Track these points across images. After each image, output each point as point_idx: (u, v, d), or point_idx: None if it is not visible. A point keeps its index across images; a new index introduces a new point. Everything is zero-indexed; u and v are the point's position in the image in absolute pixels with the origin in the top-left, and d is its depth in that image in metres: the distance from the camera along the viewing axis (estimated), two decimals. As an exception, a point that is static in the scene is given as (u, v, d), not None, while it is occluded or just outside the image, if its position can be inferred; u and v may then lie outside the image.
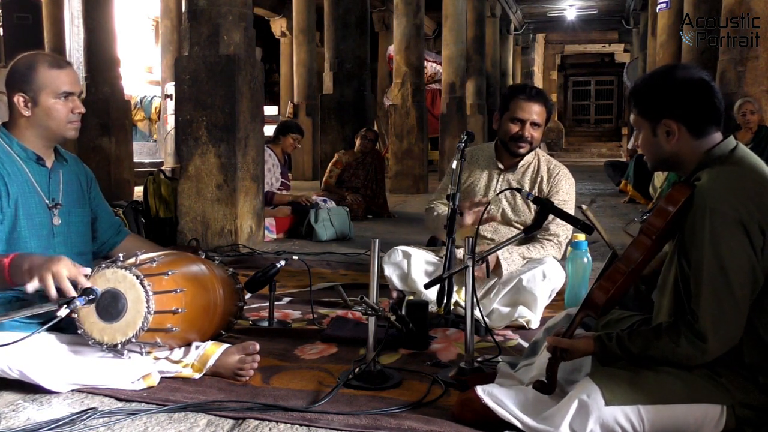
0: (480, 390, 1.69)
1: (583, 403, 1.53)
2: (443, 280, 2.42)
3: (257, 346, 2.05)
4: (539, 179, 2.89)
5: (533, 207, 2.83)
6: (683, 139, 1.62)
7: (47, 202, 2.11)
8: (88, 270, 1.85)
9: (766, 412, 1.55)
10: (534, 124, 2.79)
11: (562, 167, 2.94)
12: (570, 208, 2.84)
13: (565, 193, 2.87)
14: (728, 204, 1.50)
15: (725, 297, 1.49)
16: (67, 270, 1.78)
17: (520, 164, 2.91)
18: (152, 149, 12.24)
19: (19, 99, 2.04)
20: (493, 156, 2.95)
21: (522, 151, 2.83)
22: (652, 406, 1.54)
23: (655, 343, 1.56)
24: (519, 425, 1.61)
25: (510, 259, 2.76)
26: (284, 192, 5.56)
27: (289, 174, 5.87)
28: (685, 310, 1.57)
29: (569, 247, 2.95)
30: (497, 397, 1.66)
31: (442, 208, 2.95)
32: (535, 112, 2.78)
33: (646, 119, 1.66)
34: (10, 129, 2.10)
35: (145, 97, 12.92)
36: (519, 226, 2.85)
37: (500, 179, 2.91)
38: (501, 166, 2.92)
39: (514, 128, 2.80)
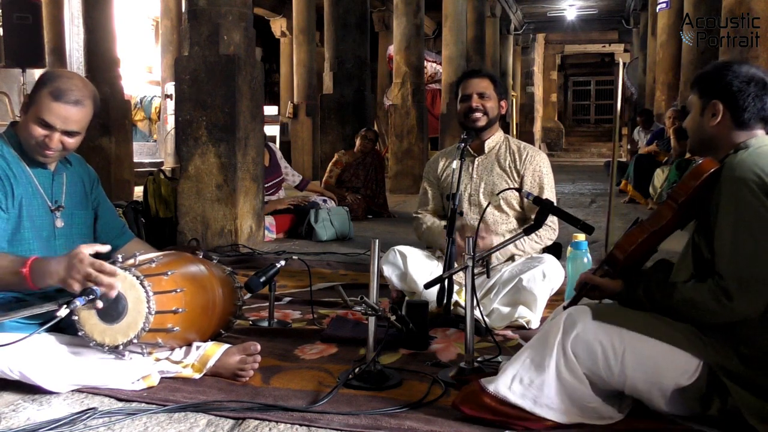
0: (483, 381, 1.72)
1: (571, 315, 1.64)
2: (443, 280, 2.42)
3: (258, 347, 2.05)
4: (510, 158, 2.94)
5: (510, 177, 2.91)
6: (725, 124, 1.70)
7: (50, 204, 2.11)
8: (104, 248, 1.87)
9: (740, 380, 1.57)
10: (480, 94, 2.86)
11: (530, 145, 3.03)
12: (549, 179, 2.94)
13: (545, 166, 2.94)
14: (755, 173, 1.56)
15: (753, 259, 1.53)
16: (89, 262, 1.79)
17: (488, 146, 2.95)
18: (152, 149, 12.23)
19: (24, 100, 2.08)
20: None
21: (480, 123, 2.88)
22: (635, 333, 1.60)
23: (680, 289, 1.62)
24: (521, 405, 1.65)
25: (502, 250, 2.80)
26: (280, 194, 5.53)
27: (285, 170, 5.72)
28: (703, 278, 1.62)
29: (569, 247, 2.95)
30: (501, 383, 1.70)
31: (429, 219, 2.99)
32: (476, 84, 2.87)
33: (701, 98, 1.75)
34: (18, 129, 2.10)
35: (145, 97, 12.91)
36: (503, 206, 2.89)
37: (474, 164, 2.96)
38: (471, 152, 2.96)
39: (463, 105, 2.90)
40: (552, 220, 2.87)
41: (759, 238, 1.53)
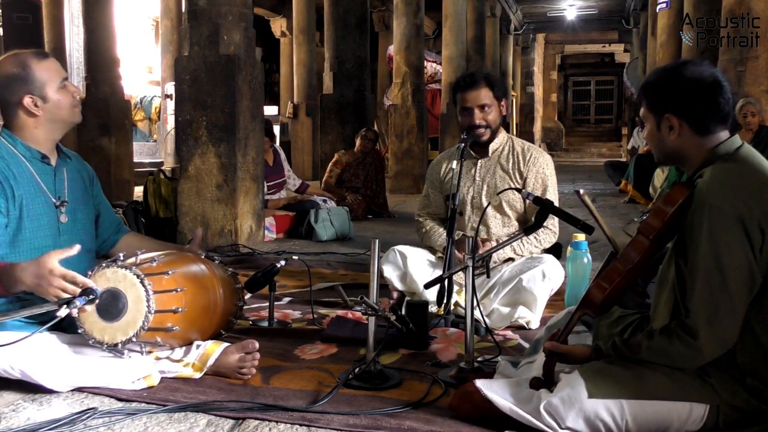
0: (479, 383, 1.71)
1: (566, 396, 1.55)
2: (443, 280, 2.42)
3: (256, 344, 2.05)
4: (513, 159, 2.92)
5: (513, 179, 2.90)
6: (685, 135, 1.62)
7: (54, 200, 2.10)
8: (73, 251, 1.80)
9: (752, 413, 1.54)
10: (481, 107, 2.81)
11: (534, 146, 2.99)
12: (553, 182, 2.91)
13: (548, 168, 2.91)
14: (728, 201, 1.49)
15: (720, 294, 1.48)
16: (60, 274, 1.75)
17: (492, 149, 2.93)
18: (152, 149, 12.24)
19: (28, 101, 2.03)
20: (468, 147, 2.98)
21: (483, 138, 2.86)
22: (635, 401, 1.54)
23: (647, 343, 1.56)
24: (516, 417, 1.62)
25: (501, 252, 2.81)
26: (281, 194, 5.52)
27: (287, 172, 5.74)
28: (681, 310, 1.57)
29: (569, 247, 2.95)
30: (496, 390, 1.68)
31: (429, 224, 3.00)
32: (476, 97, 2.81)
33: (652, 113, 1.67)
34: (11, 130, 2.09)
35: (145, 97, 12.92)
36: (506, 208, 2.89)
37: (477, 167, 2.94)
38: (474, 154, 2.95)
39: (465, 119, 2.85)
40: (552, 223, 2.87)
41: (727, 271, 1.47)
